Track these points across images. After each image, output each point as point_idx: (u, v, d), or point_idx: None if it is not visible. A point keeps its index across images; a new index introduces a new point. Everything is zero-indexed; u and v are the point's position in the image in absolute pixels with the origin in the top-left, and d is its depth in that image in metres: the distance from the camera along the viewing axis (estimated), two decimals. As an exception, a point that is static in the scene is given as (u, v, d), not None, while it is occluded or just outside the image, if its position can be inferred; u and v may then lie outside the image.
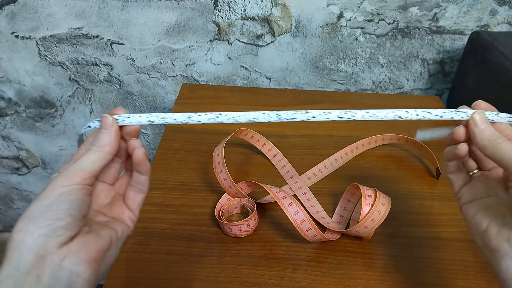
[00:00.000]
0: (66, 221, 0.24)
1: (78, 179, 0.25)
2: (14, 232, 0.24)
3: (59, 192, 0.25)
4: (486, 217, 0.28)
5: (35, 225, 0.24)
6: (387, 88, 0.73)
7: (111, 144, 0.27)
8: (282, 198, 0.40)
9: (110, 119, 0.28)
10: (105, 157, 0.27)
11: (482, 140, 0.28)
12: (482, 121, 0.29)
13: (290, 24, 0.65)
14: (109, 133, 0.27)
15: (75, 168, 0.26)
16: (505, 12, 0.62)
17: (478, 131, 0.29)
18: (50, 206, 0.24)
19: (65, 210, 0.24)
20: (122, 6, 0.64)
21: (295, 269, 0.40)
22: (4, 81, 0.75)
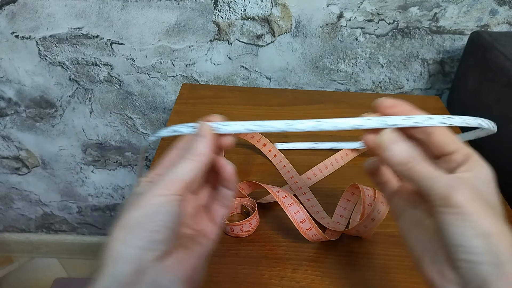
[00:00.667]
0: (164, 234, 0.23)
1: (175, 189, 0.24)
2: (112, 240, 0.23)
3: (157, 202, 0.23)
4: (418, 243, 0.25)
5: (133, 236, 0.22)
6: (387, 88, 0.73)
7: (208, 154, 0.26)
8: (283, 197, 0.40)
9: (209, 126, 0.26)
10: (200, 167, 0.25)
11: (394, 166, 0.24)
12: (390, 143, 0.24)
13: (290, 24, 0.65)
14: (206, 142, 0.26)
15: (171, 177, 0.24)
16: (505, 12, 0.62)
17: (387, 156, 0.24)
18: (148, 217, 0.23)
19: (163, 222, 0.23)
20: (122, 6, 0.64)
21: (295, 269, 0.40)
22: (4, 81, 0.75)
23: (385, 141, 0.25)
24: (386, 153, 0.25)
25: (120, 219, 0.24)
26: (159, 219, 0.23)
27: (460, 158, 0.24)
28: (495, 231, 0.21)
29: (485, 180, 0.24)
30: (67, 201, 1.00)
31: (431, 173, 0.23)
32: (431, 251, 0.23)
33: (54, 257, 1.15)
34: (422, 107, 0.73)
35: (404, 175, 0.24)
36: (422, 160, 0.24)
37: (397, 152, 0.24)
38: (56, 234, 1.11)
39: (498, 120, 0.54)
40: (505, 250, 0.21)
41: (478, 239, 0.21)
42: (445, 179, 0.23)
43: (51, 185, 0.96)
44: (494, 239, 0.21)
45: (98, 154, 0.88)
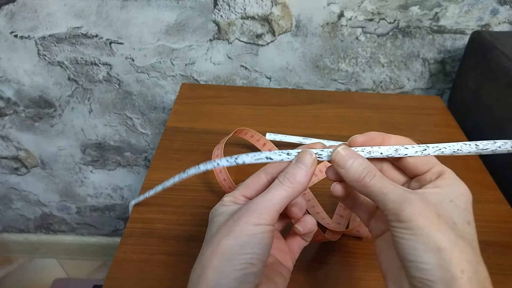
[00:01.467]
0: (257, 268, 0.22)
1: (269, 218, 0.23)
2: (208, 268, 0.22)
3: (252, 232, 0.22)
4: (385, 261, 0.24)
5: (230, 266, 0.22)
6: (388, 88, 0.73)
7: (305, 184, 0.25)
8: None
9: (313, 156, 0.25)
10: (295, 196, 0.24)
11: (350, 182, 0.24)
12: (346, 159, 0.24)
13: (290, 24, 0.65)
14: (307, 172, 0.25)
15: (266, 204, 0.23)
16: (506, 11, 0.62)
17: (343, 173, 0.24)
18: (243, 248, 0.22)
19: (258, 255, 0.22)
20: (122, 5, 0.64)
21: (295, 270, 0.39)
22: (3, 81, 0.74)
23: (340, 158, 0.24)
24: (342, 170, 0.24)
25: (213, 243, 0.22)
26: (254, 251, 0.22)
27: (431, 176, 0.24)
28: (447, 245, 0.20)
29: (453, 198, 0.23)
30: (66, 202, 1.00)
31: (384, 188, 0.23)
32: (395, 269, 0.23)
33: (53, 257, 1.15)
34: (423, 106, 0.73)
35: (360, 191, 0.24)
36: (378, 175, 0.24)
37: (352, 168, 0.24)
38: (55, 235, 1.11)
39: (498, 120, 0.54)
40: (458, 265, 0.20)
41: (428, 254, 0.20)
42: (398, 193, 0.22)
43: (50, 185, 0.95)
44: (446, 254, 0.20)
45: (97, 154, 0.88)
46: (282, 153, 0.26)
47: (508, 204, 0.47)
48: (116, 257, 0.40)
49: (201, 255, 0.23)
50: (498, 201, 0.48)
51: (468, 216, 0.23)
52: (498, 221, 0.45)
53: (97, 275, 1.12)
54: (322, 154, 0.25)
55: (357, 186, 0.24)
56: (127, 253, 0.40)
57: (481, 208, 0.47)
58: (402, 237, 0.21)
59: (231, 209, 0.25)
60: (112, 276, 0.38)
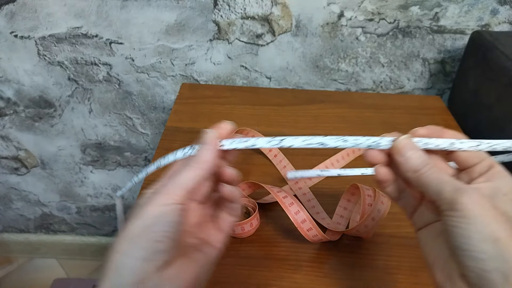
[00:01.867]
0: (165, 245, 0.23)
1: (176, 197, 0.24)
2: (114, 252, 0.22)
3: (158, 212, 0.23)
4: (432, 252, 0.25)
5: (135, 246, 0.22)
6: (388, 88, 0.73)
7: (211, 161, 0.26)
8: (283, 197, 0.39)
9: (213, 134, 0.26)
10: (203, 174, 0.25)
11: (406, 172, 0.25)
12: (407, 149, 0.25)
13: (290, 24, 0.65)
14: (210, 149, 0.26)
15: (172, 185, 0.24)
16: (506, 11, 0.62)
17: (401, 161, 0.25)
18: (150, 227, 0.23)
19: (164, 232, 0.23)
20: (122, 5, 0.64)
21: (295, 270, 0.39)
22: (3, 81, 0.74)
23: (402, 146, 0.25)
24: (401, 158, 0.25)
25: (122, 231, 0.23)
26: (160, 229, 0.23)
27: (481, 169, 0.25)
28: (504, 235, 0.21)
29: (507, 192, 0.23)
30: (66, 202, 1.00)
31: (440, 178, 0.24)
32: (443, 259, 0.23)
33: (53, 257, 1.15)
34: (423, 106, 0.73)
35: (415, 181, 0.24)
36: (434, 168, 0.24)
37: (412, 159, 0.25)
38: (55, 235, 1.11)
39: (498, 120, 0.54)
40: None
41: (485, 244, 0.20)
42: (454, 184, 0.23)
43: (50, 185, 0.95)
44: (502, 244, 0.20)
45: (97, 154, 0.88)
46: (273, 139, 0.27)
47: None
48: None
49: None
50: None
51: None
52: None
53: (97, 275, 1.12)
54: (381, 142, 0.26)
55: (413, 176, 0.24)
56: (127, 253, 0.40)
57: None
58: (457, 226, 0.22)
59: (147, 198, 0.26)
60: (112, 276, 0.38)
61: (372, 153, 0.27)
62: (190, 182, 0.25)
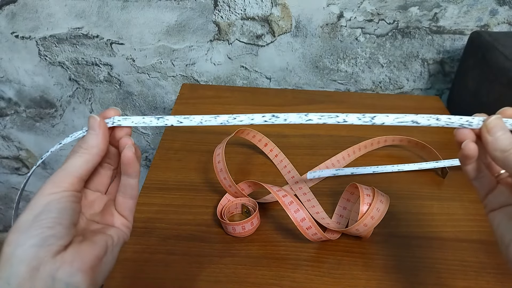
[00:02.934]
0: (56, 230, 0.23)
1: (65, 185, 0.24)
2: (4, 245, 0.22)
3: (47, 201, 0.23)
4: (510, 229, 0.26)
5: (25, 235, 0.22)
6: (387, 88, 0.73)
7: (99, 145, 0.26)
8: (283, 196, 0.40)
9: (97, 119, 0.26)
10: (92, 159, 0.25)
11: (494, 151, 0.25)
12: (498, 128, 0.25)
13: (290, 24, 0.65)
14: (96, 134, 0.26)
15: (61, 173, 0.25)
16: (505, 12, 0.62)
17: (491, 140, 0.25)
18: (38, 216, 0.23)
19: (54, 218, 0.23)
20: (122, 6, 0.64)
21: (295, 269, 0.40)
22: (4, 81, 0.75)
23: (493, 125, 0.26)
24: (491, 137, 0.25)
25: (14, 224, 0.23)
26: (51, 216, 0.23)
27: None
28: None
29: None
30: (67, 201, 1.00)
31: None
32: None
33: (54, 257, 1.15)
34: (422, 107, 0.73)
35: (502, 161, 0.25)
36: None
37: (502, 139, 0.25)
38: (56, 234, 1.11)
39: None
40: None
41: None
42: None
43: (51, 185, 0.96)
44: None
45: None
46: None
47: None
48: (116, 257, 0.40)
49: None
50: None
51: None
52: (497, 221, 0.45)
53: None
54: (472, 122, 0.27)
55: (501, 156, 0.25)
56: (128, 252, 0.40)
57: (481, 208, 0.47)
58: None
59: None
60: (112, 276, 0.38)
61: (462, 131, 0.27)
62: (79, 169, 0.25)
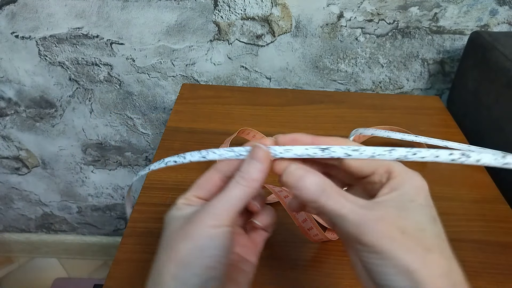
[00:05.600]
0: (219, 271, 0.21)
1: (227, 218, 0.22)
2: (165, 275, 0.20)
3: (210, 234, 0.21)
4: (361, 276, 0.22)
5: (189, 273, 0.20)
6: (387, 88, 0.73)
7: (261, 180, 0.23)
8: (284, 197, 0.40)
9: (265, 150, 0.23)
10: (252, 193, 0.23)
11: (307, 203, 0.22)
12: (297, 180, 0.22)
13: (290, 24, 0.65)
14: (263, 167, 0.23)
15: (223, 205, 0.22)
16: (505, 12, 0.62)
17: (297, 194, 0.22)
18: (203, 251, 0.21)
19: (218, 257, 0.21)
20: (122, 6, 0.64)
21: (295, 269, 0.40)
22: (4, 81, 0.75)
23: (291, 178, 0.22)
24: (295, 191, 0.22)
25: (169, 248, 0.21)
26: (214, 254, 0.21)
27: (380, 178, 0.22)
28: (417, 266, 0.19)
29: (413, 196, 0.21)
30: (67, 201, 1.00)
31: (340, 209, 0.21)
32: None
33: (54, 257, 1.15)
34: (422, 107, 0.73)
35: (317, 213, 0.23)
36: (334, 193, 0.21)
37: (305, 189, 0.22)
38: (56, 234, 1.11)
39: (497, 120, 0.54)
40: (432, 284, 0.19)
41: (400, 277, 0.19)
42: (356, 214, 0.21)
43: (51, 185, 0.96)
44: (417, 275, 0.19)
45: (98, 154, 0.88)
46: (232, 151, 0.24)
47: (507, 204, 0.48)
48: (117, 257, 0.40)
49: (157, 262, 0.22)
50: (497, 201, 0.48)
51: (433, 212, 0.21)
52: (498, 221, 0.45)
53: (98, 275, 1.12)
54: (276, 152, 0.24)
55: (314, 208, 0.22)
56: (128, 252, 0.40)
57: (480, 208, 0.47)
58: (369, 262, 0.20)
59: (186, 212, 0.23)
60: (112, 276, 0.38)
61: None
62: (239, 203, 0.22)
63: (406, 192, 0.21)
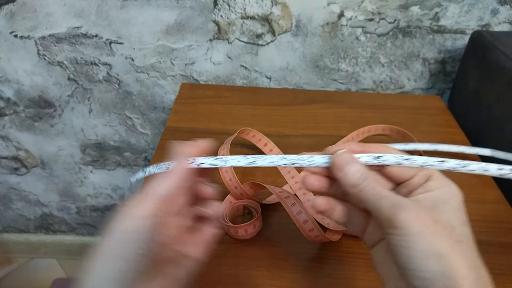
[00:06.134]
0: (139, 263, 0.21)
1: (151, 207, 0.22)
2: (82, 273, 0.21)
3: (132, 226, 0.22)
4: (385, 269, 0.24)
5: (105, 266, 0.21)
6: (388, 88, 0.73)
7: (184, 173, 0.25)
8: (285, 198, 0.39)
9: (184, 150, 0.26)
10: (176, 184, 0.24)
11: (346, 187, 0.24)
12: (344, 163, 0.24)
13: (290, 23, 0.65)
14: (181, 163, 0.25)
15: (146, 196, 0.23)
16: (506, 11, 0.62)
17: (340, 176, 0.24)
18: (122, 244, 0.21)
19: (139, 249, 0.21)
20: (121, 5, 0.64)
21: (295, 270, 0.39)
22: (2, 81, 0.74)
23: (340, 161, 0.24)
24: (339, 173, 0.24)
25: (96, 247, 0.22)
26: (133, 247, 0.21)
27: (419, 180, 0.23)
28: (447, 251, 0.20)
29: (448, 199, 0.22)
30: (66, 202, 1.00)
31: (378, 194, 0.22)
32: (394, 278, 0.22)
33: (53, 257, 1.15)
34: (423, 106, 0.73)
35: (355, 197, 0.24)
36: (374, 182, 0.23)
37: (351, 174, 0.23)
38: (55, 235, 1.11)
39: (498, 120, 0.54)
40: (459, 272, 0.19)
41: (428, 261, 0.19)
42: (392, 199, 0.22)
43: (50, 185, 0.95)
44: (446, 260, 0.19)
45: (97, 154, 0.88)
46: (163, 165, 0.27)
47: (508, 204, 0.47)
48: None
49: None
50: (498, 201, 0.48)
51: (463, 216, 0.22)
52: (498, 221, 0.45)
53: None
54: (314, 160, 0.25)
55: (353, 192, 0.23)
56: (127, 253, 0.40)
57: (481, 208, 0.47)
58: (398, 245, 0.21)
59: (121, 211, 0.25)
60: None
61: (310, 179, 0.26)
62: (163, 191, 0.23)
63: (441, 194, 0.22)
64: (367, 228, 0.26)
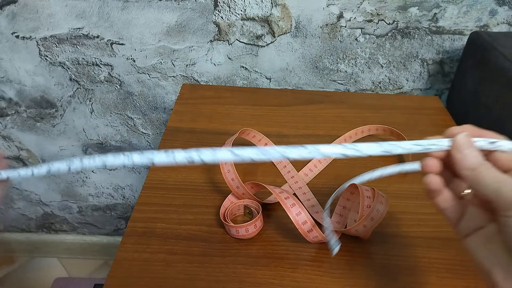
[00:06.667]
0: None
1: None
2: None
3: None
4: (488, 257, 0.24)
5: None
6: (387, 88, 0.73)
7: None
8: (285, 198, 0.40)
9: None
10: None
11: (463, 169, 0.25)
12: (465, 146, 0.25)
13: (290, 25, 0.65)
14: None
15: None
16: (504, 12, 0.63)
17: (459, 158, 0.25)
18: None
19: None
20: (123, 6, 0.64)
21: (295, 269, 0.40)
22: (4, 81, 0.75)
23: (461, 143, 0.25)
24: (459, 155, 0.25)
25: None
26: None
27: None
28: None
29: None
30: (67, 201, 1.01)
31: (498, 177, 0.23)
32: (504, 263, 0.23)
33: (55, 256, 1.15)
34: (422, 107, 0.73)
35: (470, 180, 0.24)
36: (492, 167, 0.24)
37: (470, 156, 0.24)
38: (57, 234, 1.11)
39: (497, 120, 0.54)
40: None
41: None
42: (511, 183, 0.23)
43: (51, 185, 0.96)
44: None
45: (99, 154, 0.88)
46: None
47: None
48: (117, 256, 0.40)
49: None
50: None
51: None
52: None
53: (98, 274, 1.12)
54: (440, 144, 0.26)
55: (470, 175, 0.24)
56: (128, 252, 0.40)
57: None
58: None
59: None
60: (113, 275, 0.38)
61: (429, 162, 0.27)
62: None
63: None
64: (462, 218, 0.27)
